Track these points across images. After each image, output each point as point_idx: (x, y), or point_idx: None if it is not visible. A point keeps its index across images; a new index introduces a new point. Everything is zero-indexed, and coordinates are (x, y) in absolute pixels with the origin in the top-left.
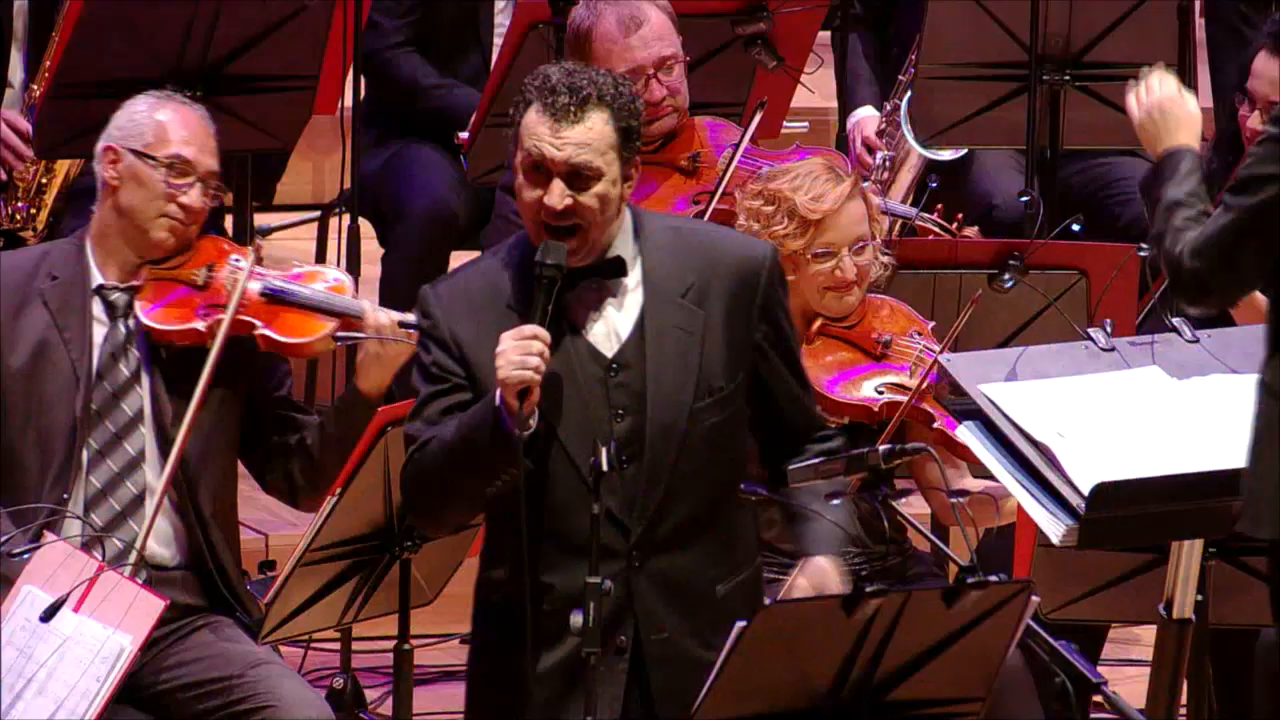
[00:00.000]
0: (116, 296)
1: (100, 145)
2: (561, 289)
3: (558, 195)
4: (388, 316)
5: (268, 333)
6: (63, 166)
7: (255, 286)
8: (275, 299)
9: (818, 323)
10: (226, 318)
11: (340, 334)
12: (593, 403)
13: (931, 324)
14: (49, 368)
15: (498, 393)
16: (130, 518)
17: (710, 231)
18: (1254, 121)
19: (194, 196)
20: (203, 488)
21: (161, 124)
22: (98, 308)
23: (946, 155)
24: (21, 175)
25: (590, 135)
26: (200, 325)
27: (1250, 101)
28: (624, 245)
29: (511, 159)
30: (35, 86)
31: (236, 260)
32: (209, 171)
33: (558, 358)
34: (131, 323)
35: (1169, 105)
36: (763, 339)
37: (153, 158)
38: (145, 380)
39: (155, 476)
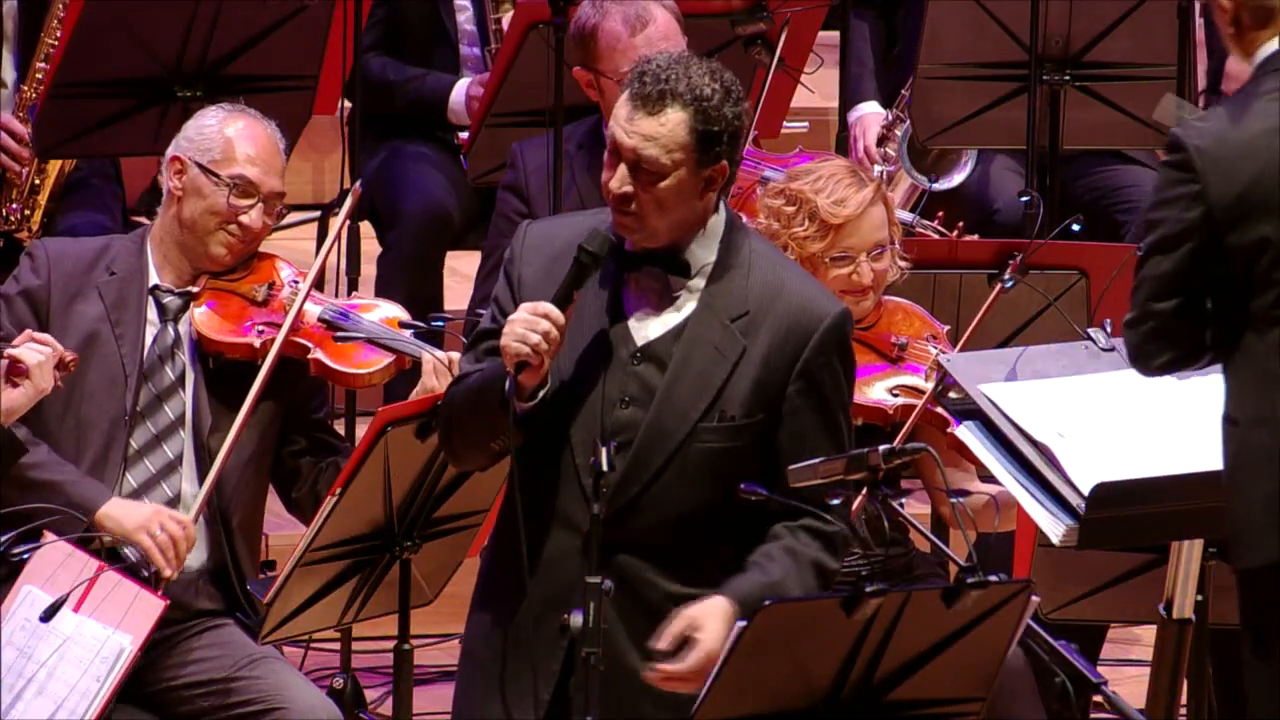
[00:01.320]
0: (170, 300)
1: (168, 154)
2: (626, 267)
3: (616, 180)
4: (447, 358)
5: (321, 357)
6: (55, 166)
7: (315, 310)
8: (333, 326)
9: None
10: (280, 336)
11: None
12: (608, 381)
13: (947, 328)
14: (97, 359)
15: None
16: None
17: (790, 273)
18: None
19: (254, 217)
20: (235, 500)
21: (229, 141)
22: (150, 309)
23: (942, 186)
24: (15, 176)
25: (660, 131)
26: (254, 341)
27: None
28: (704, 250)
29: None
30: (26, 88)
31: (295, 281)
32: (272, 192)
33: (596, 329)
34: (182, 328)
35: None
36: (795, 394)
37: (216, 175)
38: (189, 386)
39: (190, 482)
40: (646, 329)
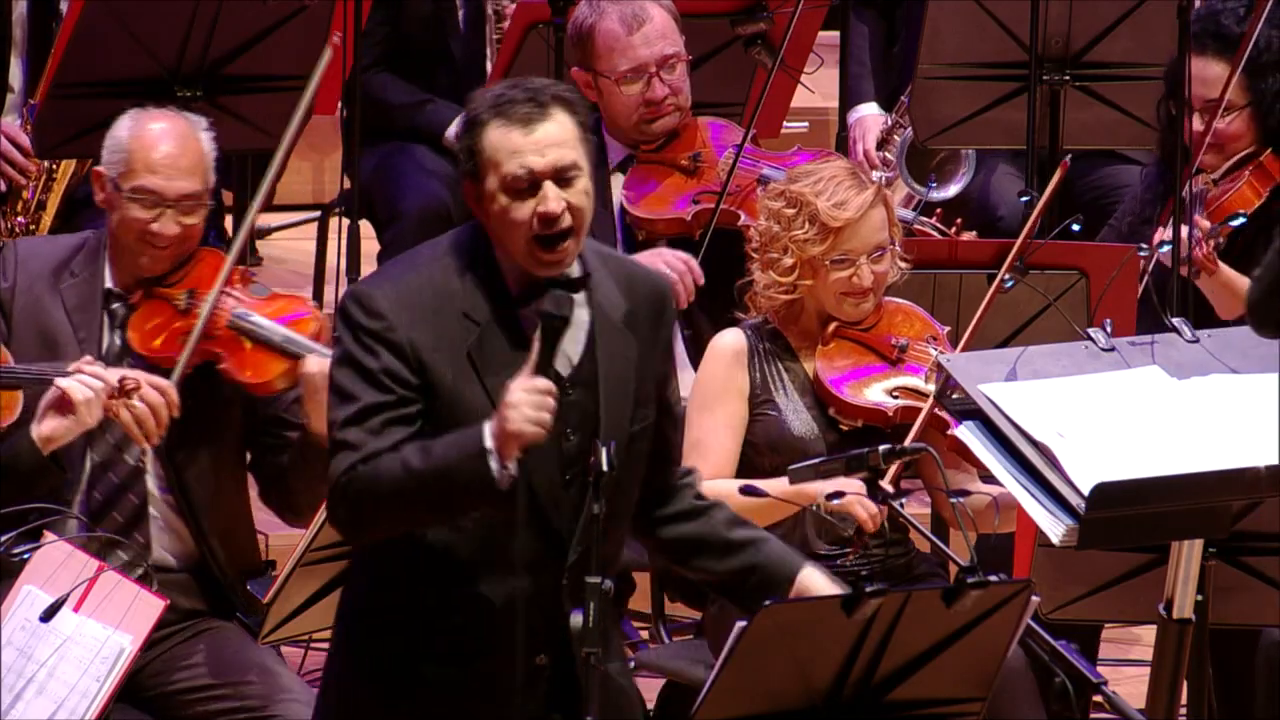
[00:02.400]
0: (117, 306)
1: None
2: (523, 301)
3: (555, 198)
4: (320, 367)
5: (227, 366)
6: (61, 182)
7: (231, 314)
8: (242, 332)
9: (833, 326)
10: (187, 351)
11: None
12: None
13: (947, 329)
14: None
15: (486, 436)
16: (134, 529)
17: (623, 258)
18: (1195, 123)
19: (165, 225)
20: (201, 503)
21: (130, 151)
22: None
23: (939, 196)
24: (21, 188)
25: (562, 132)
26: (178, 355)
27: (1187, 106)
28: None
29: (475, 189)
30: (34, 101)
31: (226, 286)
32: (182, 195)
33: (516, 369)
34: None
35: None
36: (666, 375)
37: (121, 189)
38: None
39: (156, 485)
40: (563, 357)
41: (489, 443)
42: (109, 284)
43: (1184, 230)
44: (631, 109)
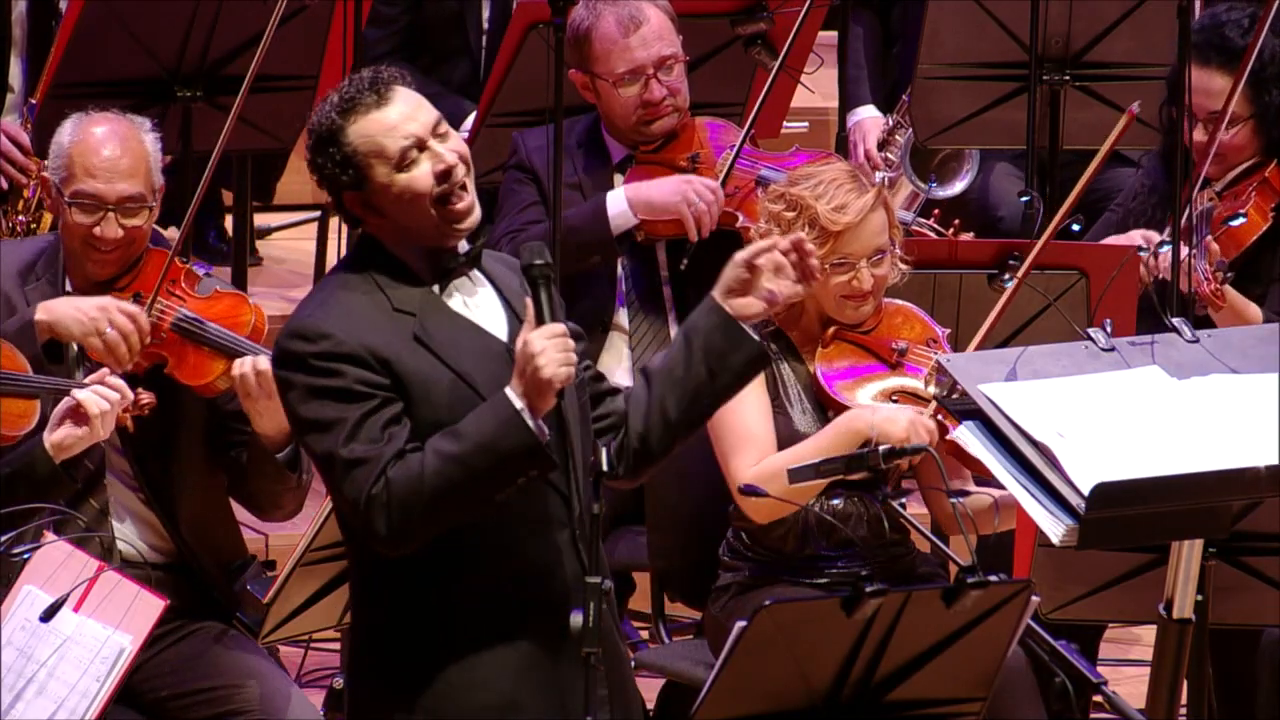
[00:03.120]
0: None
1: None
2: (446, 276)
3: (447, 150)
4: (252, 367)
5: (172, 369)
6: None
7: (175, 316)
8: (185, 334)
9: (833, 328)
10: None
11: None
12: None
13: (947, 331)
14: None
15: (514, 398)
16: (96, 532)
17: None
18: (1197, 134)
19: (108, 228)
20: (171, 498)
21: (69, 156)
22: None
23: (942, 194)
24: (22, 187)
25: (414, 96)
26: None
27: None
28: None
29: (360, 195)
30: (34, 101)
31: (170, 287)
32: (122, 198)
33: (470, 340)
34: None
35: None
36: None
37: (62, 194)
38: None
39: (119, 487)
40: (493, 324)
41: (519, 403)
42: (68, 288)
43: (1191, 258)
44: (629, 110)
